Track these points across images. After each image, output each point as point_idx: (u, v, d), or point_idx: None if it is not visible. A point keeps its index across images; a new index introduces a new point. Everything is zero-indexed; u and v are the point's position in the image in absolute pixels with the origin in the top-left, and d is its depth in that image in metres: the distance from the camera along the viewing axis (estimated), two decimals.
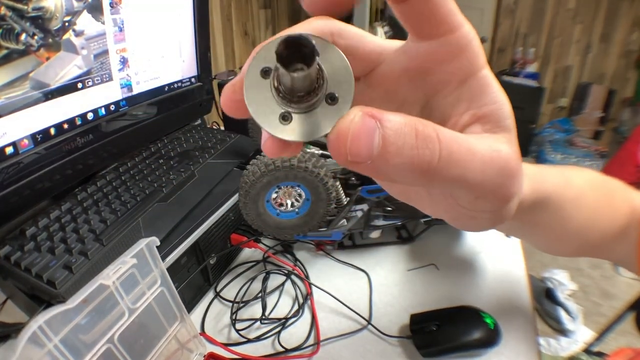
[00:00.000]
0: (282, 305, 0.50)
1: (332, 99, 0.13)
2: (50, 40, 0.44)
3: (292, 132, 0.13)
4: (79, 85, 0.49)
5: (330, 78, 0.13)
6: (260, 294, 0.50)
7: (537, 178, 0.22)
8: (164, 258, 0.41)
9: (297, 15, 1.81)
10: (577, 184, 0.28)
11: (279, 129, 0.13)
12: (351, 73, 0.13)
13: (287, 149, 0.14)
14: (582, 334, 1.32)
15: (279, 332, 0.46)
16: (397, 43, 0.16)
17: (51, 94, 0.45)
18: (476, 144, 0.13)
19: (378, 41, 0.16)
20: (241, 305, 0.49)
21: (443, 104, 0.16)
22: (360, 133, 0.11)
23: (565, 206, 0.25)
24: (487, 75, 0.15)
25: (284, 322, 0.47)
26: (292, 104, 0.13)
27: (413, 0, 0.13)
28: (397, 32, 1.68)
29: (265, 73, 0.13)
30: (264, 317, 0.47)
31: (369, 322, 0.47)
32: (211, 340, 0.44)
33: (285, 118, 0.13)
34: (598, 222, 0.30)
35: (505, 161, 0.14)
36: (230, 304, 0.49)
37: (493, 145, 0.14)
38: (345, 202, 0.50)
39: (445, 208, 0.17)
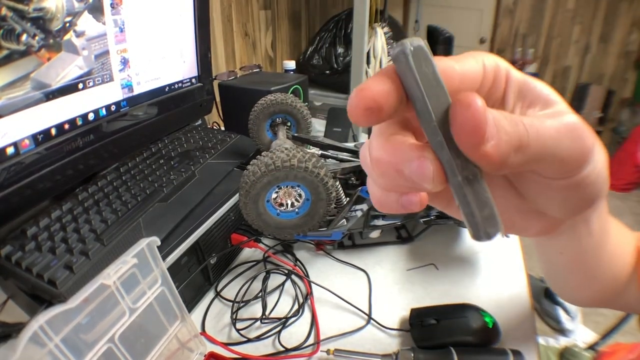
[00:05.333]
0: (282, 305, 0.50)
1: None
2: (51, 40, 0.44)
3: None
4: (80, 85, 0.49)
5: None
6: (260, 294, 0.50)
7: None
8: (164, 258, 0.42)
9: (297, 16, 1.81)
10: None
11: None
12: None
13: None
14: (580, 334, 1.33)
15: (279, 331, 0.46)
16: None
17: (52, 95, 0.45)
18: (546, 120, 0.16)
19: None
20: (241, 304, 0.49)
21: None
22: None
23: (604, 234, 0.26)
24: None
25: (284, 322, 0.47)
26: None
27: None
28: (397, 33, 1.68)
29: None
30: (264, 316, 0.47)
31: (369, 316, 0.47)
32: (212, 340, 0.44)
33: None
34: (618, 256, 0.29)
35: (571, 125, 0.16)
36: (231, 304, 0.50)
37: (557, 117, 0.16)
38: (345, 202, 0.50)
39: (540, 192, 0.19)
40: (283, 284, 0.53)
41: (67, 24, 0.45)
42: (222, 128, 0.91)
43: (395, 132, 0.16)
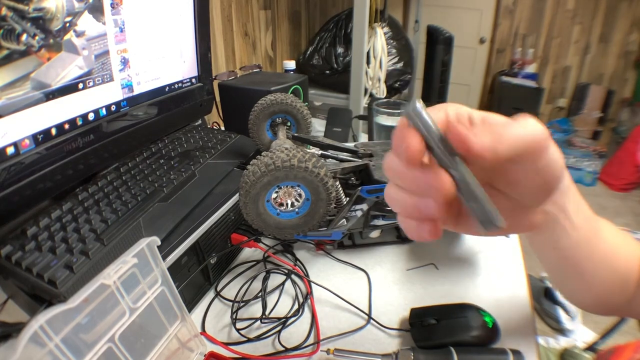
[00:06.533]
0: (282, 305, 0.50)
1: None
2: (51, 40, 0.44)
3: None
4: (80, 85, 0.49)
5: None
6: (260, 294, 0.50)
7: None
8: (164, 258, 0.42)
9: (297, 16, 1.81)
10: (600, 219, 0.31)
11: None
12: None
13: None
14: (580, 334, 1.33)
15: (279, 331, 0.46)
16: None
17: (52, 94, 0.45)
18: (510, 121, 0.21)
19: None
20: (241, 304, 0.49)
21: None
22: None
23: (596, 233, 0.30)
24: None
25: (284, 322, 0.47)
26: None
27: None
28: (397, 33, 1.68)
29: None
30: (264, 316, 0.47)
31: (369, 316, 0.47)
32: (212, 340, 0.45)
33: None
34: (618, 258, 0.32)
35: (526, 117, 0.21)
36: (231, 304, 0.50)
37: (519, 120, 0.21)
38: (345, 202, 0.50)
39: (518, 184, 0.24)
40: (283, 283, 0.53)
41: (67, 24, 0.45)
42: (222, 128, 0.91)
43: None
